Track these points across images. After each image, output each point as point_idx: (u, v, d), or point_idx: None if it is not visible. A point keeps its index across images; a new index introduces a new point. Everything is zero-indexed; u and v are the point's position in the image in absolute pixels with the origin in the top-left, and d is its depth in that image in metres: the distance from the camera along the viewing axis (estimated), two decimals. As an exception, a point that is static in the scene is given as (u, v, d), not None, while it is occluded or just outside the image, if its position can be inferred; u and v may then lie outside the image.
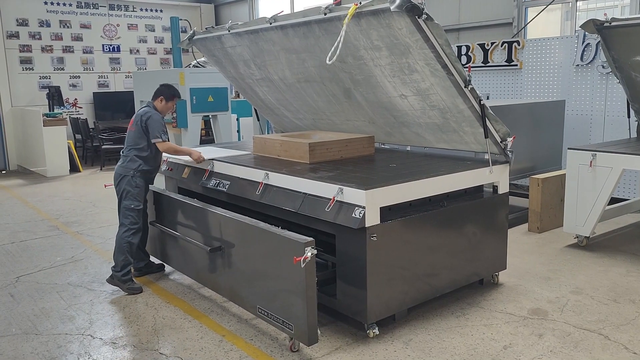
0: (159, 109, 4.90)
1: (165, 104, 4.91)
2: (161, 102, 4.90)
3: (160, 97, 4.90)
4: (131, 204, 4.76)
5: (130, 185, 4.77)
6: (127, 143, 4.88)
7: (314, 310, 3.38)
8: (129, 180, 4.77)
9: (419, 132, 4.85)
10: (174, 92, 4.97)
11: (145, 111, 4.82)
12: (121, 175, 4.82)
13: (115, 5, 13.48)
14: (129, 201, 4.77)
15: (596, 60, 7.17)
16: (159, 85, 5.00)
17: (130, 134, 4.86)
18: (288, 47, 4.88)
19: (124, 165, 4.82)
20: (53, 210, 7.89)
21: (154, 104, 4.91)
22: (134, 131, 4.83)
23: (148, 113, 4.78)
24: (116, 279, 4.72)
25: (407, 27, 3.73)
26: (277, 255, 3.55)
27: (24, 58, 12.32)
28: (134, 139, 4.81)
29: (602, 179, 5.24)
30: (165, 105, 4.92)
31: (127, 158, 4.82)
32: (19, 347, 3.83)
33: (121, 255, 4.71)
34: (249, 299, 3.94)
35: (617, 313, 4.12)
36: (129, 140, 4.87)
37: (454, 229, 4.16)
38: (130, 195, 4.77)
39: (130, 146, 4.83)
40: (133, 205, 4.76)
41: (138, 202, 4.80)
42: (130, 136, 4.86)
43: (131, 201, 4.77)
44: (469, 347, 3.64)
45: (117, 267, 4.72)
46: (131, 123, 4.90)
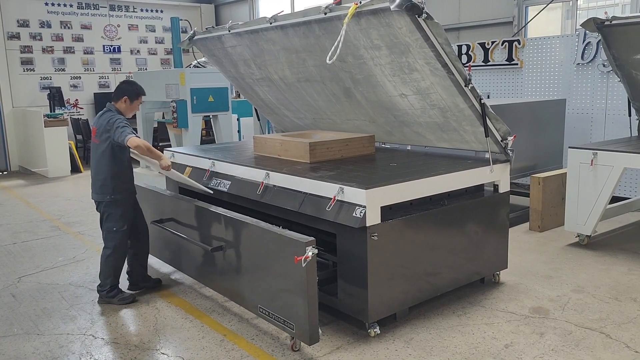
0: (122, 110, 4.39)
1: (129, 104, 4.41)
2: (125, 102, 4.39)
3: (124, 97, 4.39)
4: (113, 227, 4.36)
5: (110, 208, 4.35)
6: (95, 163, 4.35)
7: (315, 310, 3.39)
8: (106, 204, 4.35)
9: (419, 131, 4.85)
10: (139, 89, 4.49)
11: (106, 117, 4.29)
12: (97, 202, 4.42)
13: (116, 6, 13.50)
14: (110, 223, 4.37)
15: (597, 58, 7.17)
16: (119, 83, 4.56)
17: (96, 150, 4.32)
18: (288, 47, 4.88)
19: (97, 192, 4.36)
20: (54, 211, 7.90)
21: (116, 106, 4.39)
22: (98, 144, 4.29)
23: (110, 118, 4.26)
24: (104, 297, 4.48)
25: (407, 26, 3.73)
26: (278, 254, 3.55)
27: (25, 59, 12.34)
28: (102, 156, 4.29)
29: (603, 177, 5.24)
30: (130, 106, 4.42)
31: (98, 183, 4.34)
32: (20, 347, 3.83)
33: (107, 278, 4.45)
34: (250, 299, 3.95)
35: (619, 311, 4.12)
36: (96, 158, 4.33)
37: (454, 228, 4.16)
38: (111, 218, 4.37)
39: (98, 167, 4.32)
40: (116, 227, 4.36)
41: (121, 224, 4.39)
42: (97, 153, 4.31)
43: (113, 223, 4.37)
44: (470, 346, 3.64)
45: (104, 288, 4.47)
46: (93, 134, 4.35)
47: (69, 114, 12.62)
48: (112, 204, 4.34)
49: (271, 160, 4.84)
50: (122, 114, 4.35)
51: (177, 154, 5.74)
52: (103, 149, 4.29)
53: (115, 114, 4.30)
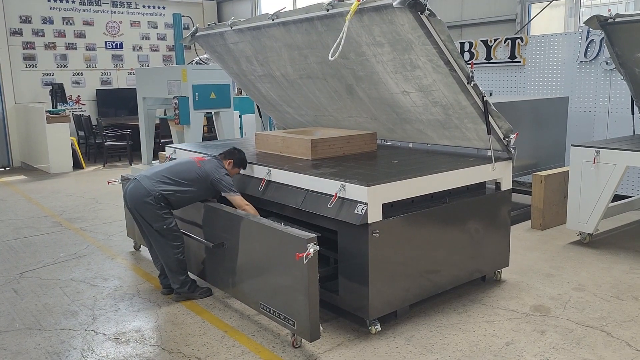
0: (227, 169, 4.54)
1: (231, 168, 4.56)
2: (229, 164, 4.55)
3: (230, 160, 4.56)
4: (163, 224, 4.30)
5: (156, 207, 4.26)
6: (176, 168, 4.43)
7: (316, 307, 3.39)
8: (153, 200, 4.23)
9: (421, 129, 4.85)
10: (245, 161, 4.64)
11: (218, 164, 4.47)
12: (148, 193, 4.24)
13: (118, 2, 13.49)
14: (159, 223, 4.30)
15: (600, 56, 7.14)
16: (232, 148, 4.67)
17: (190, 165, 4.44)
18: (290, 44, 4.87)
19: (152, 183, 4.29)
20: (56, 207, 7.91)
21: (223, 161, 4.55)
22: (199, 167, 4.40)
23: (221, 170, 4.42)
24: (183, 295, 4.47)
25: (410, 23, 3.72)
26: (280, 251, 3.56)
27: (27, 55, 12.34)
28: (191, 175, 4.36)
29: (606, 175, 5.23)
30: (231, 170, 4.57)
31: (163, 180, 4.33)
32: (22, 342, 3.84)
33: (180, 275, 4.44)
34: (251, 295, 3.95)
35: (620, 310, 4.11)
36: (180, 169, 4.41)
37: (456, 225, 4.16)
38: (157, 217, 4.29)
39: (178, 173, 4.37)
40: (165, 224, 4.31)
41: (170, 219, 4.35)
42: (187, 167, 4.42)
43: (162, 221, 4.30)
44: (470, 344, 3.64)
45: (181, 285, 4.46)
46: (200, 159, 4.51)
47: (71, 110, 12.63)
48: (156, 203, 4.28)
49: (273, 157, 4.84)
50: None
51: (179, 150, 5.74)
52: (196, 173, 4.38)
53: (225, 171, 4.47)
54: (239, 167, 4.62)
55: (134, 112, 10.70)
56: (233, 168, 4.57)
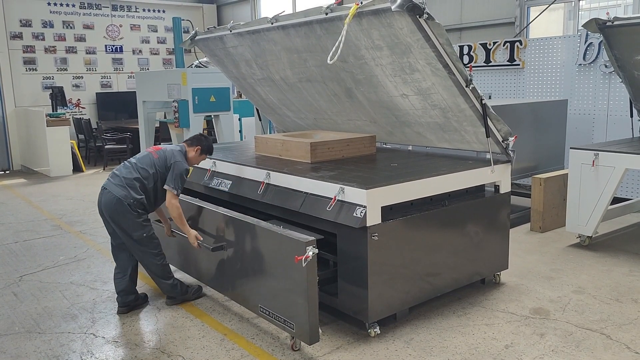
0: (190, 157, 4.40)
1: (198, 155, 4.44)
2: (196, 151, 4.41)
3: (198, 147, 4.42)
4: (143, 233, 4.21)
5: (134, 215, 4.15)
6: (139, 166, 4.27)
7: (315, 309, 3.39)
8: (129, 209, 4.13)
9: (420, 132, 4.85)
10: (211, 148, 4.56)
11: (177, 152, 4.32)
12: (119, 201, 4.11)
13: (118, 6, 13.53)
14: (138, 232, 4.19)
15: (599, 59, 7.16)
16: (198, 134, 4.61)
17: (149, 158, 4.30)
18: (289, 47, 4.88)
19: (125, 191, 4.14)
20: (56, 210, 7.92)
21: (187, 149, 4.40)
22: (156, 158, 4.28)
23: (178, 157, 4.26)
24: (178, 298, 4.45)
25: (408, 27, 3.73)
26: (279, 254, 3.56)
27: (28, 59, 12.37)
28: (151, 166, 4.25)
29: (605, 178, 5.24)
30: (198, 157, 4.45)
31: (132, 184, 4.18)
32: (22, 345, 3.84)
33: (166, 279, 4.38)
34: (250, 298, 3.95)
35: (620, 313, 4.11)
36: (142, 163, 4.28)
37: (455, 228, 4.16)
38: (136, 226, 4.18)
39: (140, 171, 4.24)
40: (145, 232, 4.22)
41: (148, 228, 4.26)
42: (147, 161, 4.28)
43: (140, 229, 4.20)
44: (470, 347, 3.64)
45: (171, 289, 4.41)
46: (156, 149, 4.37)
47: (71, 114, 12.64)
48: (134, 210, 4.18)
49: (272, 160, 4.84)
50: (187, 160, 4.38)
51: (179, 153, 5.74)
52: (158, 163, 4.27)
53: (182, 155, 4.33)
54: (205, 153, 4.51)
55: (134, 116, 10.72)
56: (200, 155, 4.45)
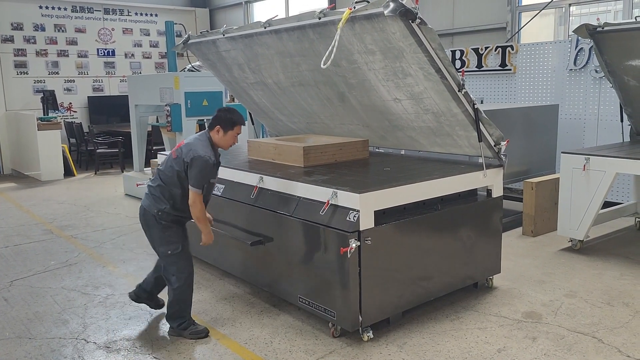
0: (216, 141, 3.87)
1: (222, 135, 3.86)
2: (218, 132, 3.85)
3: (217, 126, 3.84)
4: (167, 250, 3.85)
5: (158, 228, 3.86)
6: (162, 171, 3.90)
7: (356, 298, 3.60)
8: (154, 221, 3.85)
9: (413, 136, 4.87)
10: (235, 118, 3.87)
11: (197, 143, 3.81)
12: (145, 212, 3.92)
13: (110, 10, 13.48)
14: (163, 247, 3.86)
15: (589, 64, 7.21)
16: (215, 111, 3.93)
17: (169, 161, 3.88)
18: (282, 51, 4.89)
19: (150, 201, 3.90)
20: (47, 214, 7.86)
21: (210, 134, 3.88)
22: (174, 159, 3.83)
23: (196, 151, 3.73)
24: (174, 330, 3.99)
25: (401, 32, 3.75)
26: (321, 246, 3.71)
27: (19, 62, 12.29)
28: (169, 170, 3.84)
29: (596, 182, 5.27)
30: (224, 137, 3.86)
31: (155, 192, 3.89)
32: (12, 351, 3.81)
33: (176, 305, 3.93)
34: (289, 290, 4.08)
35: (611, 316, 4.13)
36: (165, 168, 3.88)
37: (448, 232, 4.17)
38: (161, 240, 3.87)
39: (160, 177, 3.89)
40: (170, 250, 3.84)
41: (175, 245, 3.84)
42: (168, 164, 3.87)
43: (166, 246, 3.85)
44: (463, 351, 3.64)
45: (172, 319, 3.98)
46: (178, 146, 3.91)
47: (63, 118, 12.58)
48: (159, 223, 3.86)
49: (265, 164, 4.84)
50: (218, 146, 3.90)
51: (171, 157, 5.73)
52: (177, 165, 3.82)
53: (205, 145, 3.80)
54: (231, 127, 3.85)
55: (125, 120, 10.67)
56: (225, 135, 3.86)
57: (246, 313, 4.30)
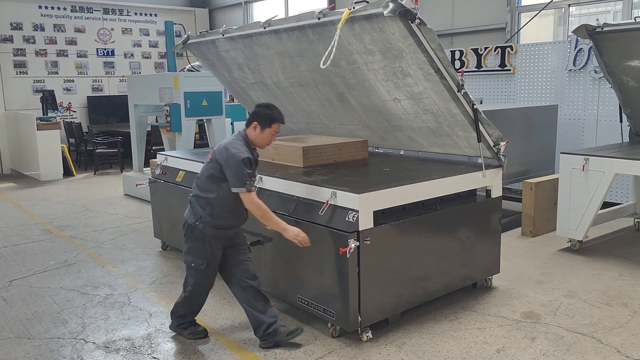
0: (253, 139, 3.62)
1: (260, 132, 3.62)
2: (255, 129, 3.61)
3: (254, 122, 3.61)
4: (192, 261, 3.67)
5: (191, 238, 3.65)
6: (195, 182, 3.72)
7: (355, 298, 3.60)
8: (190, 231, 3.66)
9: (412, 136, 4.87)
10: (273, 115, 3.64)
11: (231, 142, 3.56)
12: (185, 222, 3.71)
13: (110, 10, 13.48)
14: (189, 257, 3.69)
15: (589, 65, 7.22)
16: (254, 106, 3.74)
17: (204, 165, 3.70)
18: (282, 52, 4.89)
19: (188, 211, 3.71)
20: (46, 214, 7.86)
21: (247, 132, 3.64)
22: (209, 163, 3.62)
23: (230, 150, 3.49)
24: (174, 327, 3.95)
25: (400, 32, 3.75)
26: (320, 246, 3.69)
27: (18, 62, 12.29)
28: (205, 176, 3.64)
29: (595, 183, 5.27)
30: (261, 135, 3.62)
31: (193, 203, 3.68)
32: (11, 351, 3.81)
33: (181, 307, 3.87)
34: (289, 290, 4.08)
35: (610, 316, 4.14)
36: (201, 172, 3.70)
37: (447, 232, 4.17)
38: (191, 250, 3.67)
39: (197, 185, 3.69)
40: (194, 263, 3.66)
41: (201, 260, 3.64)
42: (203, 169, 3.69)
43: (192, 257, 3.67)
44: (462, 351, 3.64)
45: (174, 316, 3.93)
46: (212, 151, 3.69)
47: (62, 117, 12.58)
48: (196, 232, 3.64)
49: (264, 164, 4.84)
50: (254, 144, 3.66)
51: (171, 157, 5.73)
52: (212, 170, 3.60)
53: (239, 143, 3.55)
54: (269, 124, 3.60)
55: (125, 120, 10.67)
56: (262, 132, 3.61)
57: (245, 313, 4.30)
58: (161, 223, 5.85)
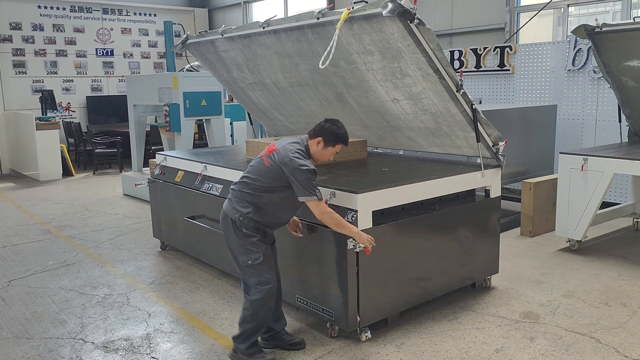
0: (312, 152, 3.50)
1: (322, 149, 3.50)
2: (318, 144, 3.49)
3: (319, 138, 3.48)
4: (248, 260, 3.45)
5: (238, 236, 3.46)
6: (245, 178, 3.51)
7: (354, 298, 3.60)
8: (234, 227, 3.47)
9: (411, 136, 4.87)
10: (342, 135, 3.51)
11: (295, 151, 3.38)
12: (226, 216, 3.52)
13: (109, 9, 13.48)
14: (244, 257, 3.47)
15: (587, 65, 7.23)
16: (323, 121, 3.55)
17: (260, 166, 3.48)
18: (281, 51, 4.89)
19: (230, 205, 3.51)
20: (45, 214, 7.86)
21: (308, 142, 3.52)
22: (268, 167, 3.42)
23: (295, 161, 3.32)
24: (239, 352, 3.52)
25: (399, 32, 3.75)
26: (319, 246, 3.70)
27: (17, 62, 12.29)
28: (258, 176, 3.45)
29: (594, 183, 5.28)
30: (323, 151, 3.51)
31: (238, 198, 3.49)
32: (10, 351, 3.81)
33: (249, 322, 3.48)
34: (288, 290, 4.05)
35: (609, 316, 4.14)
36: (254, 172, 3.49)
37: (446, 232, 4.17)
38: (242, 249, 3.47)
39: (246, 182, 3.49)
40: (251, 260, 3.44)
41: (256, 254, 3.44)
42: (259, 169, 3.48)
43: (247, 256, 3.46)
44: (461, 351, 3.64)
45: (240, 338, 3.52)
46: (270, 151, 3.46)
47: (61, 117, 12.58)
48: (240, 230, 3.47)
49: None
50: (313, 157, 3.51)
51: (170, 157, 5.73)
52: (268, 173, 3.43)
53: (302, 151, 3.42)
54: (333, 144, 3.50)
55: (124, 119, 10.68)
56: (324, 149, 3.50)
57: (244, 313, 4.30)
58: (160, 223, 5.85)
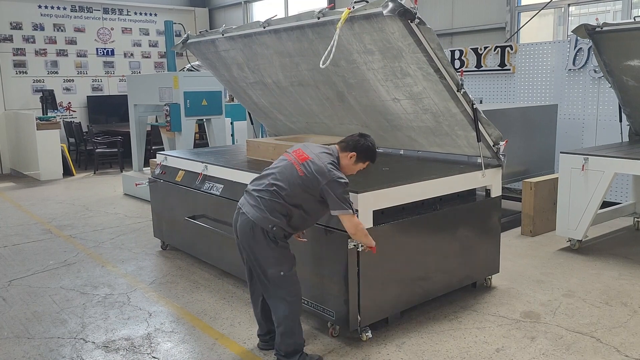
0: (343, 164, 3.43)
1: (353, 163, 3.46)
2: (350, 158, 3.44)
3: (353, 153, 3.43)
4: (280, 271, 3.32)
5: (270, 247, 3.31)
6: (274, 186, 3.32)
7: (355, 297, 3.60)
8: (265, 237, 3.29)
9: (411, 136, 4.87)
10: (375, 153, 3.52)
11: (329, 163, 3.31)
12: (254, 225, 3.30)
13: (110, 9, 13.48)
14: (275, 268, 3.32)
15: (588, 64, 7.22)
16: (357, 135, 3.52)
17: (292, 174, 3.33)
18: (282, 51, 4.89)
19: (259, 213, 3.30)
20: (46, 214, 7.86)
21: (340, 154, 3.46)
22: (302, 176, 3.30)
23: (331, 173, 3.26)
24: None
25: (400, 31, 3.75)
26: (321, 246, 3.70)
27: (18, 61, 12.29)
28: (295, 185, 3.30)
29: (594, 182, 5.27)
30: (353, 166, 3.47)
31: (267, 206, 3.30)
32: (10, 350, 3.81)
33: (289, 338, 3.39)
34: None
35: (609, 316, 4.14)
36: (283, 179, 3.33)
37: (446, 232, 4.17)
38: (275, 260, 3.33)
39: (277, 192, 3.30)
40: (283, 271, 3.33)
41: (289, 265, 3.37)
42: (289, 177, 3.32)
43: (279, 267, 3.33)
44: (461, 350, 3.64)
45: (282, 352, 3.42)
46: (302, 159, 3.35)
47: (62, 117, 12.58)
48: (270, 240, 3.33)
49: (264, 164, 4.82)
50: (341, 168, 3.43)
51: (170, 157, 5.73)
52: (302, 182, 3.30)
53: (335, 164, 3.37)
54: (364, 160, 3.49)
55: (125, 119, 10.68)
56: (354, 164, 3.48)
57: (245, 312, 4.30)
58: (161, 223, 5.85)
